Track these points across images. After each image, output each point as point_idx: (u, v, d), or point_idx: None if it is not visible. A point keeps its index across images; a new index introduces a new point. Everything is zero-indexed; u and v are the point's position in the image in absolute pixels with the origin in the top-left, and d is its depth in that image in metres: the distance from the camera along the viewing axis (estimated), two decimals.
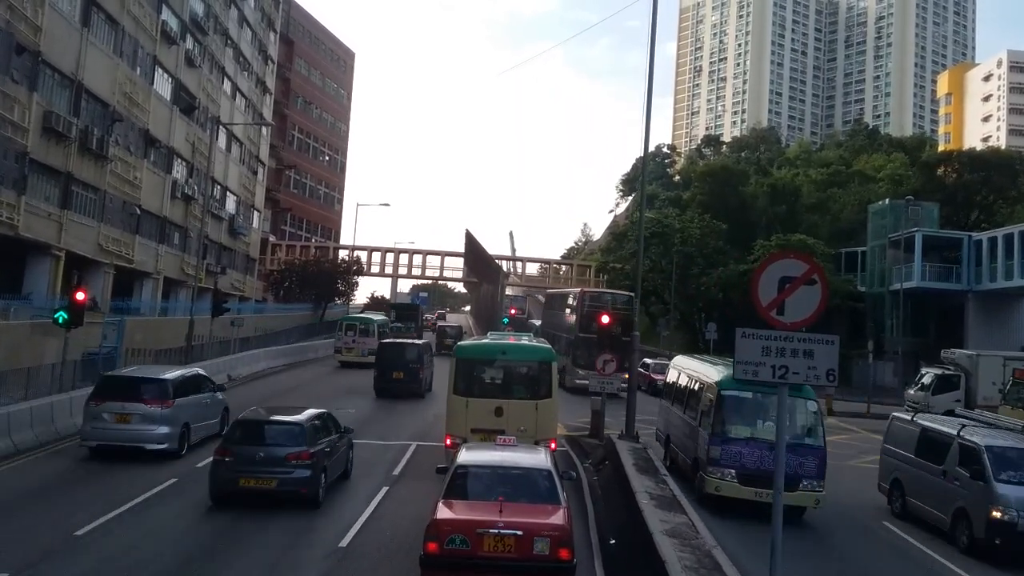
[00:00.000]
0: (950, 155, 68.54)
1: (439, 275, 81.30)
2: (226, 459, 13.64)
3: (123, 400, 17.20)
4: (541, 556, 9.30)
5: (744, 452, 14.58)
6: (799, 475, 14.26)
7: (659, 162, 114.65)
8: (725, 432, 14.81)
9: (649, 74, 21.90)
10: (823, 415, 15.70)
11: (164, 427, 17.23)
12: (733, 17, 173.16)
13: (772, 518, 7.85)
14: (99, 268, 35.25)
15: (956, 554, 13.84)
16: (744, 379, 8.11)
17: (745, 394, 14.93)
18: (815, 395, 15.43)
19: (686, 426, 17.08)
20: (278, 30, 64.61)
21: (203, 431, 18.94)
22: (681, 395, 18.32)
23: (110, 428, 17.06)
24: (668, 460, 18.35)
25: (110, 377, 18.72)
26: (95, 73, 33.34)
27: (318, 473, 13.94)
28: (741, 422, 15.05)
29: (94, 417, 17.14)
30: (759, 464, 14.34)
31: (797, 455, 14.19)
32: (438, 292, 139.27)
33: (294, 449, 13.73)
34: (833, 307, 45.67)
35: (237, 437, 14.20)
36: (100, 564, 10.67)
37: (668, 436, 19.07)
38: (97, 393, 17.55)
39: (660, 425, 20.43)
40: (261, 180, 60.70)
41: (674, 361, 21.43)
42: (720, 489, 14.59)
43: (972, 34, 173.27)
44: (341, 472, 15.86)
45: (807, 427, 15.11)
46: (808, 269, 7.95)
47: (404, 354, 30.25)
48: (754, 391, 14.70)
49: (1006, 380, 30.39)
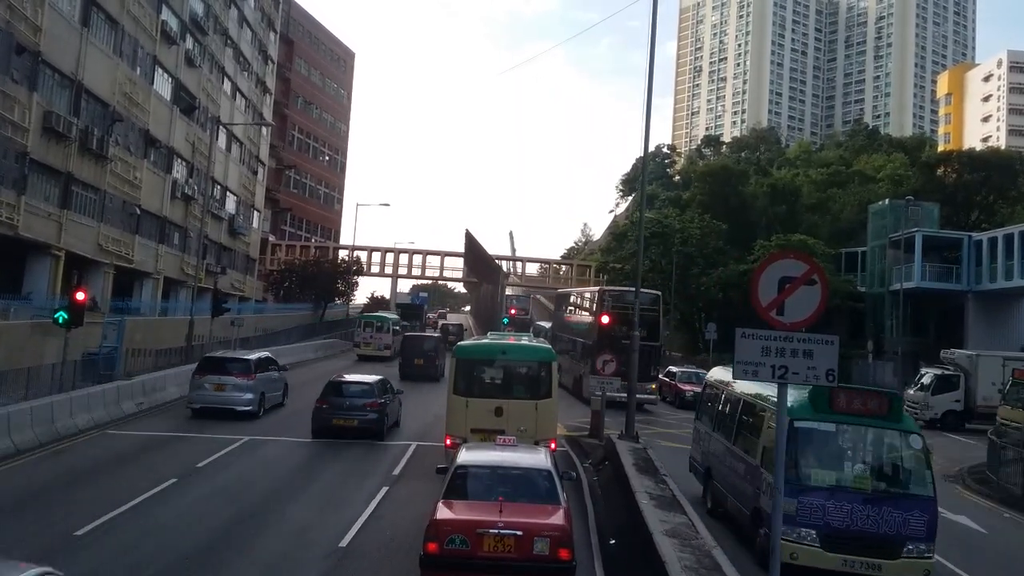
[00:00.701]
0: (950, 155, 68.56)
1: (439, 275, 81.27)
2: (324, 406, 20.31)
3: (219, 374, 22.85)
4: (541, 556, 9.30)
5: (829, 507, 11.01)
6: (902, 535, 10.94)
7: (659, 162, 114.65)
8: (802, 479, 11.18)
9: (649, 74, 21.92)
10: (930, 453, 11.80)
11: (248, 394, 22.87)
12: (733, 17, 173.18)
13: (772, 518, 7.85)
14: (99, 268, 35.25)
15: None
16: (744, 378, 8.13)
17: (827, 426, 11.57)
18: (918, 427, 12.12)
19: (739, 463, 13.42)
20: (278, 30, 64.61)
21: (272, 400, 24.59)
22: (727, 420, 14.60)
23: (209, 394, 22.65)
24: (710, 501, 14.97)
25: (209, 358, 24.61)
26: (95, 73, 33.34)
27: (382, 417, 20.48)
28: (823, 464, 11.50)
29: (197, 387, 22.77)
30: (849, 522, 10.94)
31: (898, 508, 11.01)
32: (438, 292, 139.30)
33: (367, 400, 20.39)
34: (833, 307, 45.70)
35: (330, 392, 20.69)
36: (100, 564, 10.67)
37: (709, 470, 15.25)
38: (200, 369, 23.33)
39: (696, 454, 16.55)
40: (261, 180, 60.71)
41: (712, 374, 17.20)
42: (797, 557, 10.95)
43: (972, 34, 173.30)
44: (395, 421, 22.23)
45: (909, 470, 11.61)
46: (808, 269, 7.95)
47: (423, 345, 36.92)
48: (839, 420, 11.45)
49: (1006, 380, 30.35)
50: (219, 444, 18.92)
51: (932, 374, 34.53)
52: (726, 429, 14.49)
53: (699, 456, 16.26)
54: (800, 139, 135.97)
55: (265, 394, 23.80)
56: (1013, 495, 19.48)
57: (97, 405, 21.21)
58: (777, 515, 7.91)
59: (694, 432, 17.05)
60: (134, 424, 21.56)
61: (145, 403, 23.93)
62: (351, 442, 19.73)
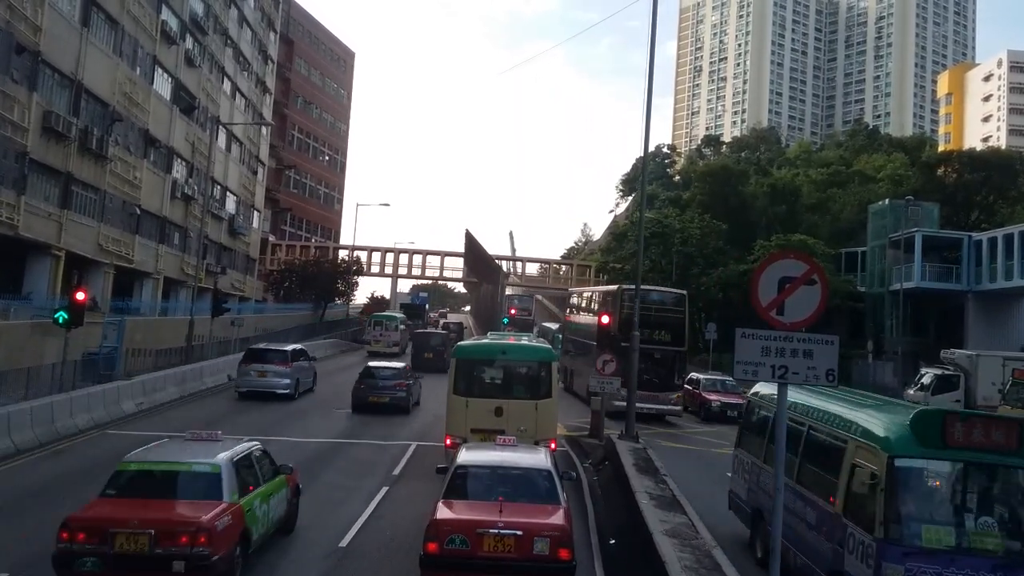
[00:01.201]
0: (950, 155, 68.54)
1: (439, 275, 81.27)
2: (361, 386, 25.55)
3: (262, 363, 27.30)
4: (541, 556, 9.30)
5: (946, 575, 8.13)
6: None
7: (659, 162, 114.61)
8: (909, 537, 8.33)
9: (649, 74, 21.92)
10: None
11: (286, 379, 27.12)
12: (733, 17, 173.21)
13: (772, 518, 7.85)
14: (99, 268, 35.25)
15: None
16: (743, 378, 8.10)
17: (940, 465, 8.82)
18: None
19: (807, 508, 10.31)
20: (278, 30, 64.62)
21: (304, 385, 28.91)
22: (790, 453, 10.42)
23: (254, 380, 27.02)
24: (760, 550, 11.91)
25: (253, 349, 28.87)
26: (95, 73, 33.34)
27: (408, 395, 25.73)
28: (937, 518, 8.63)
29: (244, 374, 27.34)
30: None
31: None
32: (438, 292, 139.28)
33: (396, 381, 25.64)
34: (833, 307, 45.69)
35: (366, 375, 25.95)
36: None
37: (760, 511, 12.07)
38: (245, 359, 27.95)
39: (739, 489, 13.31)
40: (261, 180, 60.71)
41: (760, 389, 13.19)
42: None
43: (972, 34, 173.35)
44: (416, 400, 26.77)
45: None
46: (808, 269, 7.95)
47: (431, 341, 41.72)
48: (955, 458, 8.59)
49: (1006, 380, 30.43)
50: None
51: (932, 374, 34.53)
52: (785, 461, 10.57)
53: (743, 491, 13.00)
54: (800, 139, 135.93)
55: (299, 380, 28.21)
56: None
57: (97, 405, 21.22)
58: (777, 514, 7.90)
59: (735, 461, 13.73)
60: (134, 424, 21.57)
61: (145, 403, 23.95)
62: (354, 442, 19.95)
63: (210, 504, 9.61)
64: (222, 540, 9.33)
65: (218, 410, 25.03)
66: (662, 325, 27.37)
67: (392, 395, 25.23)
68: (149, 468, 10.43)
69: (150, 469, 10.41)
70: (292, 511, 12.30)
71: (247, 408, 25.57)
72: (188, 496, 9.92)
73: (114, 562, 8.97)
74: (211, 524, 9.22)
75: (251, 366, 27.30)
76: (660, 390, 27.19)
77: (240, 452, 10.85)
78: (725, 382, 30.31)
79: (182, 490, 10.05)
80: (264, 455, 11.65)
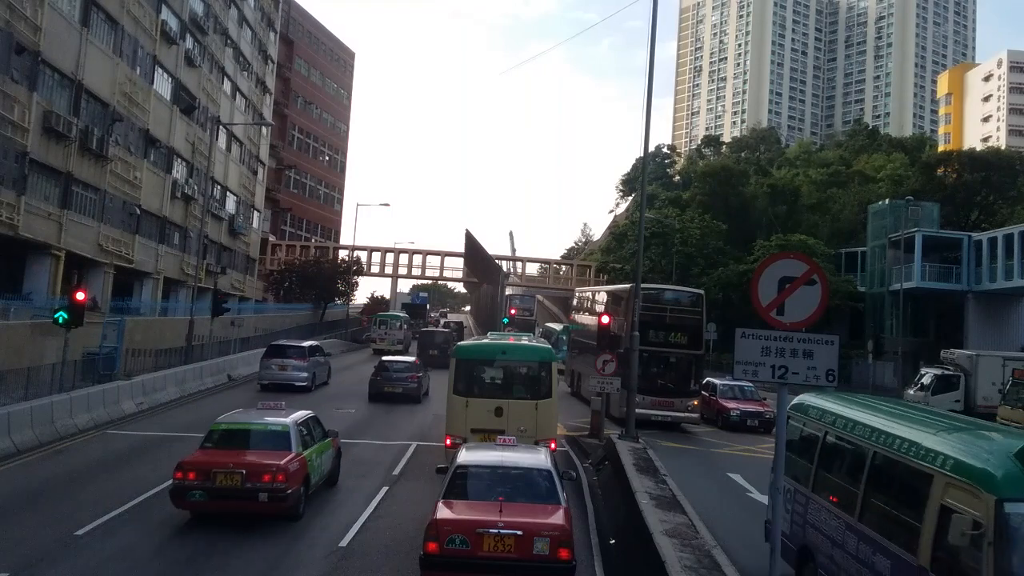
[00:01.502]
0: (950, 155, 68.56)
1: (439, 275, 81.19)
2: (377, 377, 28.31)
3: (282, 358, 29.56)
4: (541, 556, 9.30)
5: None
6: None
7: (659, 162, 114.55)
8: None
9: (649, 74, 21.91)
10: None
11: (304, 373, 29.38)
12: (733, 17, 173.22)
13: (772, 518, 7.85)
14: (99, 268, 35.25)
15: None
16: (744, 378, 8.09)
17: None
18: None
19: (876, 556, 8.12)
20: (278, 30, 64.62)
21: (320, 378, 31.29)
22: (846, 479, 9.35)
23: (275, 373, 29.20)
24: None
25: (274, 345, 31.21)
26: (95, 73, 33.35)
27: (420, 386, 28.46)
28: None
29: (266, 368, 29.56)
30: None
31: None
32: (438, 292, 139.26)
33: (409, 374, 28.42)
34: (833, 307, 45.76)
35: (381, 368, 28.69)
36: (100, 564, 10.66)
37: (807, 550, 9.94)
38: (267, 354, 30.13)
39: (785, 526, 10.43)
40: (261, 180, 60.71)
41: (805, 401, 10.93)
42: None
43: (972, 34, 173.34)
44: (426, 390, 29.49)
45: None
46: (808, 269, 7.96)
47: (435, 338, 44.13)
48: None
49: (1006, 380, 30.44)
50: None
51: (932, 374, 34.54)
52: (843, 493, 9.25)
53: (785, 524, 10.45)
54: (800, 139, 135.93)
55: (316, 374, 30.48)
56: None
57: (97, 405, 21.22)
58: (777, 514, 7.91)
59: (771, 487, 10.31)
60: (134, 424, 21.57)
61: (145, 403, 23.95)
62: (353, 442, 19.88)
63: (283, 453, 12.68)
64: (293, 479, 12.40)
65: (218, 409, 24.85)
66: (678, 327, 25.75)
67: (404, 385, 28.03)
68: (235, 427, 13.52)
69: (236, 428, 13.50)
70: (335, 468, 15.29)
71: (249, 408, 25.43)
72: (265, 447, 12.88)
73: (215, 494, 12.06)
74: (286, 467, 12.34)
75: (272, 360, 29.58)
76: (675, 396, 25.50)
77: (300, 417, 14.03)
78: (744, 388, 28.61)
79: (261, 443, 13.02)
80: (317, 421, 14.79)
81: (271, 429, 13.30)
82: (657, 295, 26.88)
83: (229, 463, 12.22)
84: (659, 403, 24.91)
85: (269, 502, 12.12)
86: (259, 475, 12.14)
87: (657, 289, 28.43)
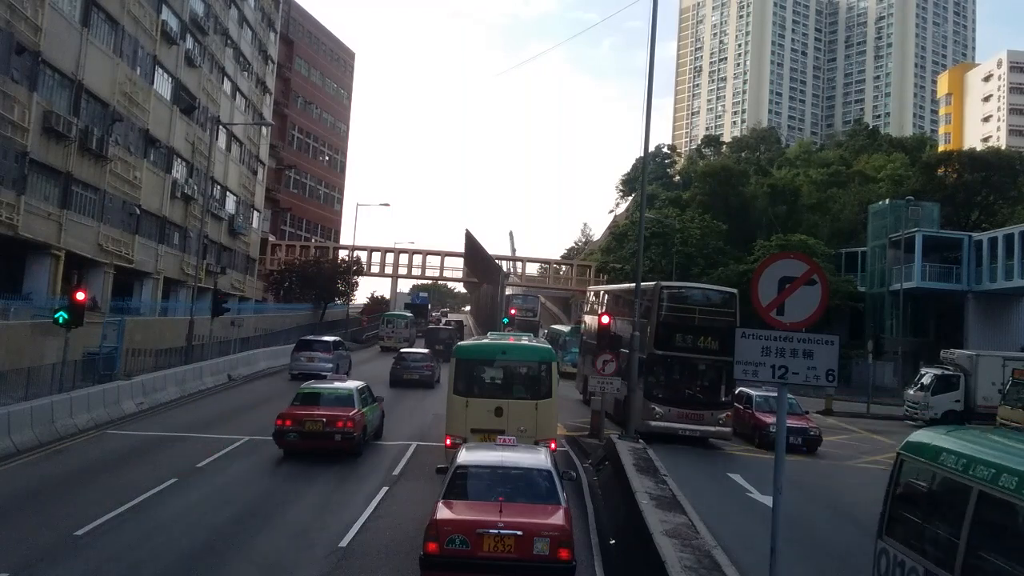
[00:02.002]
0: (950, 155, 68.56)
1: (439, 275, 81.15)
2: (397, 366, 33.12)
3: (310, 351, 33.97)
4: (541, 556, 9.29)
5: None
6: None
7: (659, 162, 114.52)
8: None
9: (649, 74, 21.91)
10: None
11: (329, 364, 33.05)
12: (733, 17, 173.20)
13: (772, 518, 7.85)
14: (99, 268, 35.25)
15: None
16: (743, 378, 8.08)
17: None
18: None
19: None
20: (278, 30, 64.60)
21: (343, 369, 34.10)
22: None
23: (304, 364, 33.40)
24: None
25: (303, 340, 35.68)
26: (95, 73, 33.34)
27: (433, 373, 33.15)
28: None
29: (296, 359, 34.00)
30: None
31: None
32: (438, 292, 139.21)
33: (424, 363, 33.39)
34: (833, 307, 45.73)
35: (400, 359, 33.84)
36: (100, 564, 10.66)
37: None
38: (297, 348, 34.71)
39: None
40: (261, 180, 60.71)
41: (922, 439, 8.01)
42: None
43: (972, 34, 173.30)
44: (437, 378, 32.85)
45: None
46: (808, 269, 7.95)
47: (440, 335, 48.58)
48: None
49: (1006, 380, 30.43)
50: (219, 444, 18.94)
51: (932, 374, 34.53)
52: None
53: None
54: (800, 139, 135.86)
55: (339, 365, 33.89)
56: None
57: (97, 405, 21.22)
58: (778, 514, 7.90)
59: (882, 560, 7.99)
60: (134, 424, 21.57)
61: (145, 403, 23.95)
62: None
63: (350, 408, 18.09)
64: (357, 427, 17.76)
65: (218, 409, 24.96)
66: (708, 330, 22.56)
67: (420, 373, 32.93)
68: (315, 390, 18.97)
69: (316, 391, 18.91)
70: (380, 424, 20.80)
71: (249, 408, 25.65)
72: (337, 405, 18.19)
73: (305, 436, 17.33)
74: (353, 417, 17.74)
75: (302, 353, 33.91)
76: (705, 408, 22.59)
77: (359, 385, 19.67)
78: None
79: (334, 402, 18.30)
80: (369, 390, 20.14)
81: (340, 392, 18.79)
82: (685, 295, 24.37)
83: (314, 414, 17.51)
84: (686, 416, 22.37)
85: (341, 441, 17.40)
86: (335, 423, 17.40)
87: (685, 288, 26.03)
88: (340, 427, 17.27)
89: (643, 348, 22.47)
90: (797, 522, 14.60)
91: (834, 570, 12.95)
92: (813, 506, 16.52)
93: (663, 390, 22.66)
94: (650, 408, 22.34)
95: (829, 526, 15.25)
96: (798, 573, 11.72)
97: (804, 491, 17.55)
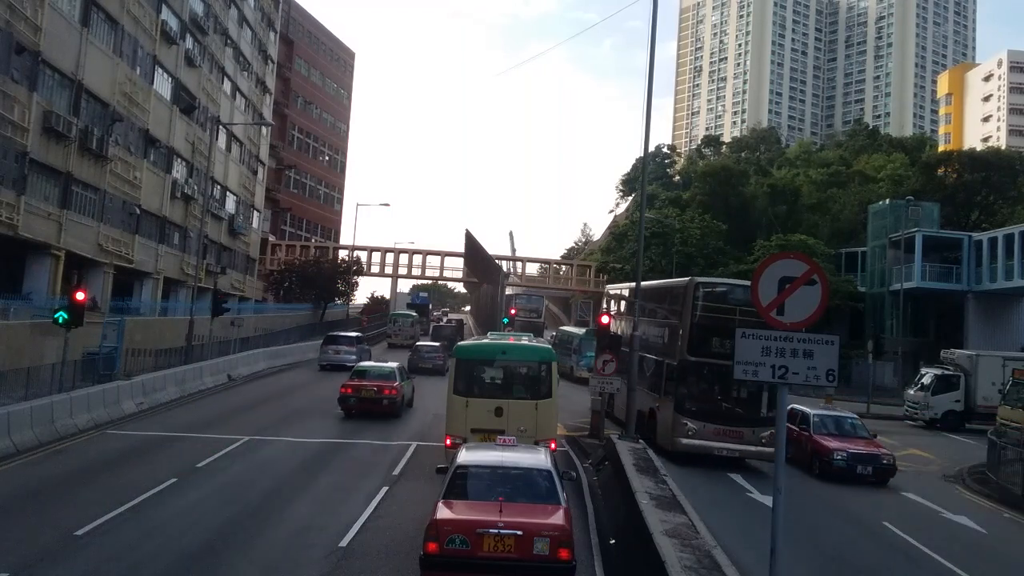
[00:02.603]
0: (950, 155, 68.58)
1: (439, 275, 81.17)
2: (415, 356, 37.87)
3: (337, 344, 39.63)
4: (541, 556, 9.29)
5: None
6: None
7: (659, 162, 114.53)
8: None
9: (649, 74, 21.91)
10: None
11: (353, 356, 37.64)
12: (733, 17, 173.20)
13: (772, 518, 7.85)
14: (99, 268, 35.25)
15: None
16: (743, 378, 8.08)
17: None
18: None
19: None
20: (278, 30, 64.60)
21: (364, 359, 35.71)
22: None
23: (331, 356, 38.64)
24: None
25: (330, 335, 41.53)
26: (95, 73, 33.34)
27: (444, 363, 35.08)
28: None
29: (324, 352, 39.42)
30: None
31: None
32: (438, 292, 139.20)
33: (436, 354, 38.38)
34: (833, 307, 45.74)
35: (416, 351, 38.99)
36: (100, 564, 10.65)
37: None
38: (325, 342, 40.18)
39: None
40: (261, 180, 60.70)
41: None
42: None
43: (972, 34, 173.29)
44: (447, 366, 31.92)
45: None
46: (808, 269, 7.95)
47: (443, 331, 53.87)
48: None
49: (1006, 380, 30.40)
50: (219, 444, 18.94)
51: (932, 374, 34.53)
52: None
53: None
54: (800, 139, 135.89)
55: (361, 357, 37.21)
56: (1013, 495, 19.48)
57: (97, 405, 21.21)
58: (778, 514, 7.90)
59: None
60: (134, 424, 21.57)
61: (145, 403, 23.94)
62: (354, 442, 20.16)
63: (393, 381, 24.47)
64: (398, 394, 24.23)
65: (218, 409, 24.99)
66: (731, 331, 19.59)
67: (433, 362, 37.61)
68: (367, 368, 25.75)
69: (368, 368, 25.70)
70: (412, 396, 26.81)
71: (249, 408, 25.72)
72: (384, 380, 24.44)
73: (362, 400, 23.71)
74: (397, 387, 24.34)
75: (329, 347, 39.42)
76: (745, 424, 19.55)
77: (398, 365, 26.40)
78: (846, 421, 21.65)
79: (380, 376, 24.73)
80: (405, 370, 27.17)
81: (384, 370, 25.33)
82: (724, 292, 21.20)
83: (367, 385, 24.04)
84: (724, 433, 19.40)
85: (387, 405, 23.76)
86: (383, 391, 23.86)
87: (724, 284, 22.81)
88: (387, 394, 23.70)
89: (671, 354, 20.54)
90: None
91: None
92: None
93: (696, 403, 19.71)
94: (682, 424, 19.55)
95: None
96: (799, 573, 11.72)
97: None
